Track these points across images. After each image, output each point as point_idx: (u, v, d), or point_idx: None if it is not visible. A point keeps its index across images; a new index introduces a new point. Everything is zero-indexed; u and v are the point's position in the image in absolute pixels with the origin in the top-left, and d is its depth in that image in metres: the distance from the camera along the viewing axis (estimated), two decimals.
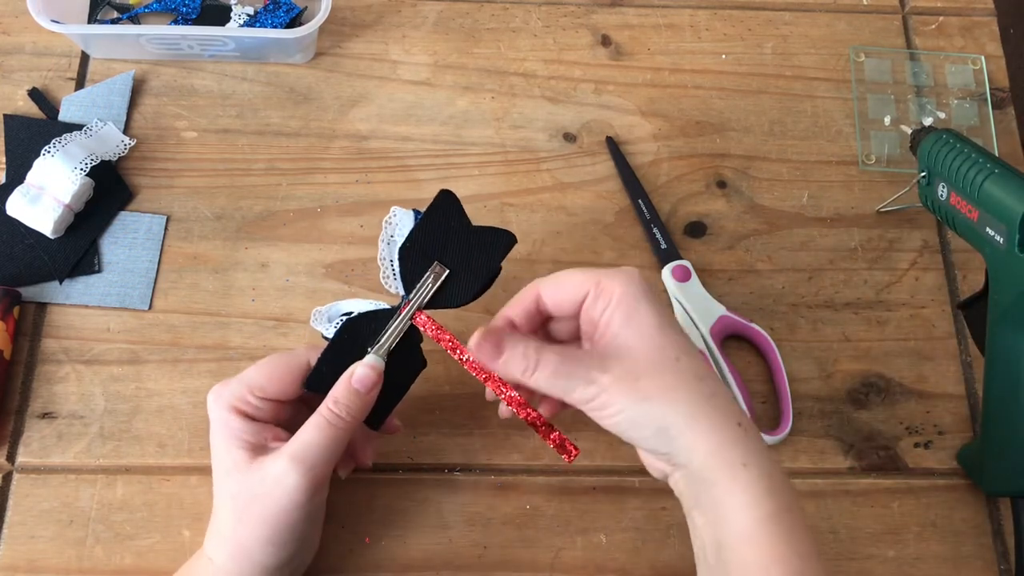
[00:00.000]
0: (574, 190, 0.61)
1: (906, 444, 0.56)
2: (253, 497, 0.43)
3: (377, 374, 0.45)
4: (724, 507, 0.40)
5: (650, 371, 0.41)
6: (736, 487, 0.40)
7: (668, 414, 0.41)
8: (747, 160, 0.63)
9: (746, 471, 0.40)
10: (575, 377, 0.41)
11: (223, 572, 0.45)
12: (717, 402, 0.41)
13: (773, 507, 0.40)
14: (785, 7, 0.69)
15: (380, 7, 0.66)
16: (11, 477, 0.52)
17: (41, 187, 0.56)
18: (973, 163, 0.52)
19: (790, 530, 0.40)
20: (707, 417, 0.41)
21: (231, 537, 0.44)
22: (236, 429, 0.45)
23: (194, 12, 0.64)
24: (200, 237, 0.59)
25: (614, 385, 0.41)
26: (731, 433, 0.41)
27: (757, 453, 0.41)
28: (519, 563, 0.52)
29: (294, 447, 0.43)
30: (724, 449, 0.40)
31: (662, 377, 0.41)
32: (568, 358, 0.42)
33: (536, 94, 0.64)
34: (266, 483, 0.43)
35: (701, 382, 0.41)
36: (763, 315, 0.59)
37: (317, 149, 0.61)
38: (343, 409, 0.44)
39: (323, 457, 0.44)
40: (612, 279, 0.43)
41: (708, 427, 0.41)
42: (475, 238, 0.47)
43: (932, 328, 0.59)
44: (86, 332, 0.56)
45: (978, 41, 0.68)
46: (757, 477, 0.40)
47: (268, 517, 0.43)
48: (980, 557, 0.54)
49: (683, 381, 0.41)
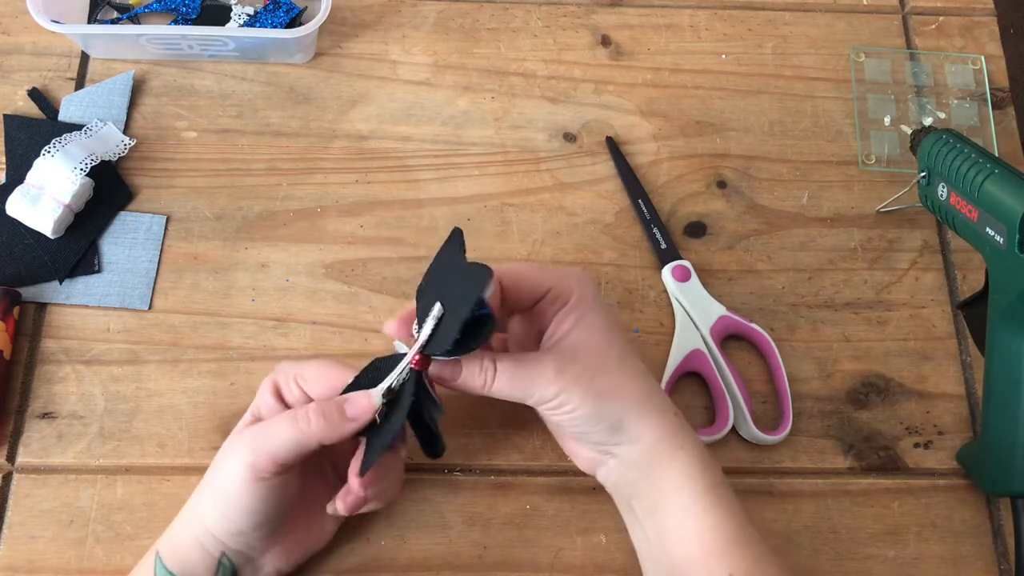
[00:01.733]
0: (574, 190, 0.61)
1: (906, 444, 0.56)
2: (217, 462, 0.45)
3: (369, 407, 0.44)
4: (664, 486, 0.45)
5: (601, 370, 0.45)
6: (675, 466, 0.45)
7: (621, 409, 0.45)
8: (747, 160, 0.63)
9: (683, 452, 0.45)
10: (532, 380, 0.44)
11: (176, 524, 0.46)
12: (657, 396, 0.46)
13: (707, 482, 0.45)
14: (785, 7, 0.69)
15: (380, 7, 0.66)
16: (11, 477, 0.52)
17: (41, 187, 0.56)
18: (973, 163, 0.52)
19: (723, 501, 0.45)
20: (651, 410, 0.45)
21: (195, 494, 0.46)
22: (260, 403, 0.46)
23: (194, 12, 0.64)
24: (200, 237, 0.59)
25: (571, 385, 0.44)
26: (670, 422, 0.46)
27: (690, 438, 0.46)
28: (519, 563, 0.52)
29: (254, 429, 0.44)
30: (666, 436, 0.45)
31: (612, 376, 0.45)
32: (521, 363, 0.44)
33: (536, 94, 0.64)
34: (227, 452, 0.45)
35: (643, 378, 0.46)
36: (763, 315, 0.59)
37: (317, 149, 0.61)
38: (316, 419, 0.43)
39: (273, 448, 0.43)
40: (569, 281, 0.46)
41: (653, 419, 0.45)
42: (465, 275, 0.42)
43: (932, 328, 0.59)
44: (86, 332, 0.56)
45: (978, 41, 0.68)
46: (692, 458, 0.45)
47: (222, 484, 0.44)
48: (980, 557, 0.54)
49: (629, 378, 0.46)
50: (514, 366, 0.44)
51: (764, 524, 0.54)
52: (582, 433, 0.46)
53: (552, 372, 0.44)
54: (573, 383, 0.44)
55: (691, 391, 0.57)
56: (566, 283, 0.46)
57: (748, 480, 0.55)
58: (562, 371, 0.44)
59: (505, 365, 0.44)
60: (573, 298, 0.46)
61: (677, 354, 0.56)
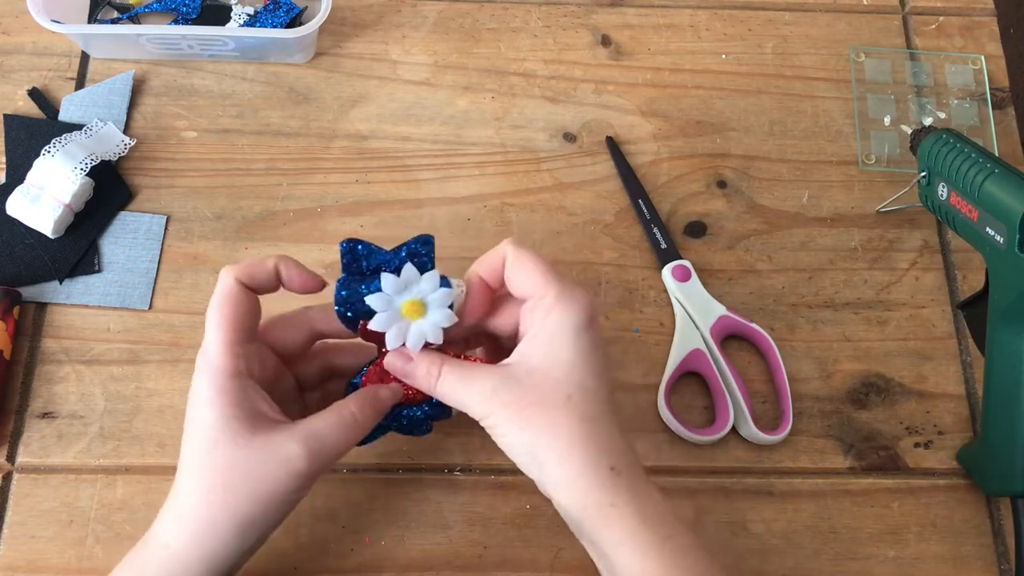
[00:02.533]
0: (574, 190, 0.61)
1: (906, 444, 0.56)
2: (248, 473, 0.41)
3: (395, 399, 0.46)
4: (601, 543, 0.42)
5: (538, 403, 0.42)
6: (608, 526, 0.41)
7: (542, 448, 0.42)
8: (747, 160, 0.63)
9: (614, 511, 0.41)
10: (468, 393, 0.43)
11: (181, 557, 0.41)
12: (592, 445, 0.42)
13: (650, 540, 0.41)
14: (785, 7, 0.69)
15: (380, 7, 0.66)
16: (11, 477, 0.52)
17: (41, 187, 0.56)
18: (973, 163, 0.52)
19: (674, 556, 0.41)
20: (578, 457, 0.41)
21: (200, 517, 0.41)
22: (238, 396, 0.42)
23: (194, 12, 0.64)
24: (200, 237, 0.59)
25: (501, 410, 0.42)
26: (601, 477, 0.41)
27: (628, 492, 0.42)
28: (519, 563, 0.52)
29: (308, 431, 0.42)
30: (592, 491, 0.41)
31: (547, 412, 0.42)
32: (464, 374, 0.43)
33: (536, 94, 0.64)
34: (270, 459, 0.41)
35: (584, 423, 0.42)
36: (763, 315, 0.59)
37: (317, 149, 0.61)
38: (362, 414, 0.44)
39: (331, 454, 0.43)
40: (558, 299, 0.43)
41: (577, 467, 0.41)
42: None
43: (932, 328, 0.59)
44: (86, 332, 0.56)
45: (978, 41, 0.68)
46: (627, 515, 0.41)
47: (261, 494, 0.41)
48: (980, 557, 0.54)
49: (566, 420, 0.42)
50: (457, 375, 0.43)
51: (764, 524, 0.54)
52: (516, 461, 0.43)
53: (487, 391, 0.42)
54: (503, 408, 0.42)
55: (691, 391, 0.57)
56: (551, 297, 0.43)
57: (748, 480, 0.55)
58: (496, 392, 0.42)
59: (449, 371, 0.44)
60: (551, 317, 0.43)
61: (677, 354, 0.56)
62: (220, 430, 0.41)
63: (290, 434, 0.42)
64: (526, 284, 0.44)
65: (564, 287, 0.43)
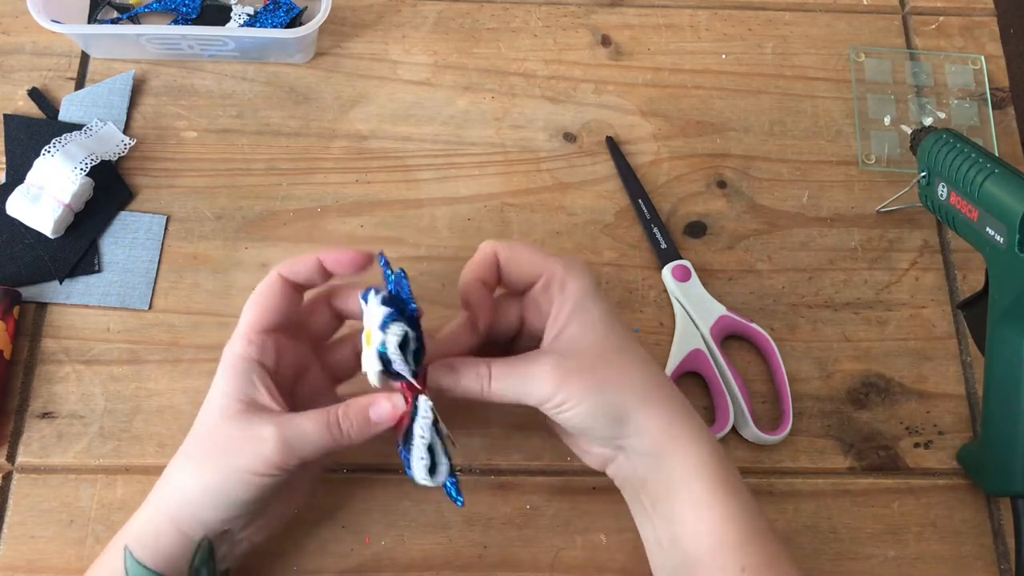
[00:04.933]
0: (574, 190, 0.61)
1: (906, 444, 0.56)
2: (221, 448, 0.43)
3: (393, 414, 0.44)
4: (675, 477, 0.44)
5: (600, 362, 0.44)
6: (686, 457, 0.44)
7: (623, 400, 0.43)
8: (747, 160, 0.63)
9: (694, 444, 0.44)
10: (528, 380, 0.44)
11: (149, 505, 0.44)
12: (662, 385, 0.45)
13: (720, 474, 0.44)
14: (785, 7, 0.69)
15: (380, 7, 0.66)
16: (11, 477, 0.52)
17: (41, 187, 0.56)
18: (973, 163, 0.52)
19: (736, 494, 0.44)
20: (656, 400, 0.44)
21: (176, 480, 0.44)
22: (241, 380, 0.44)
23: (194, 12, 0.64)
24: (200, 237, 0.59)
25: (569, 380, 0.43)
26: (678, 411, 0.44)
27: (700, 428, 0.45)
28: (519, 563, 0.52)
29: (285, 420, 0.42)
30: (674, 426, 0.44)
31: (612, 366, 0.44)
32: (516, 364, 0.44)
33: (536, 94, 0.64)
34: (242, 438, 0.42)
35: (646, 366, 0.45)
36: (763, 315, 0.59)
37: (317, 149, 0.61)
38: (346, 426, 0.43)
39: (307, 450, 0.42)
40: (567, 271, 0.45)
41: (659, 408, 0.44)
42: None
43: (932, 328, 0.59)
44: (86, 332, 0.56)
45: (978, 41, 0.68)
46: (703, 448, 0.44)
47: (227, 470, 0.42)
48: (980, 557, 0.54)
49: (631, 367, 0.44)
50: (509, 368, 0.44)
51: None
52: (587, 428, 0.44)
53: (548, 368, 0.43)
54: (571, 378, 0.43)
55: (691, 391, 0.57)
56: (560, 271, 0.45)
57: (748, 480, 0.54)
58: (558, 366, 0.43)
59: (499, 368, 0.44)
60: (568, 288, 0.45)
61: (677, 354, 0.56)
62: (216, 404, 0.44)
63: (269, 419, 0.43)
64: (527, 270, 0.45)
65: (565, 260, 0.45)
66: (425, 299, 0.57)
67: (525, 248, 0.46)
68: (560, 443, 0.50)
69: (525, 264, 0.45)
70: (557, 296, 0.45)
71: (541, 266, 0.45)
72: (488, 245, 0.46)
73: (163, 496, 0.44)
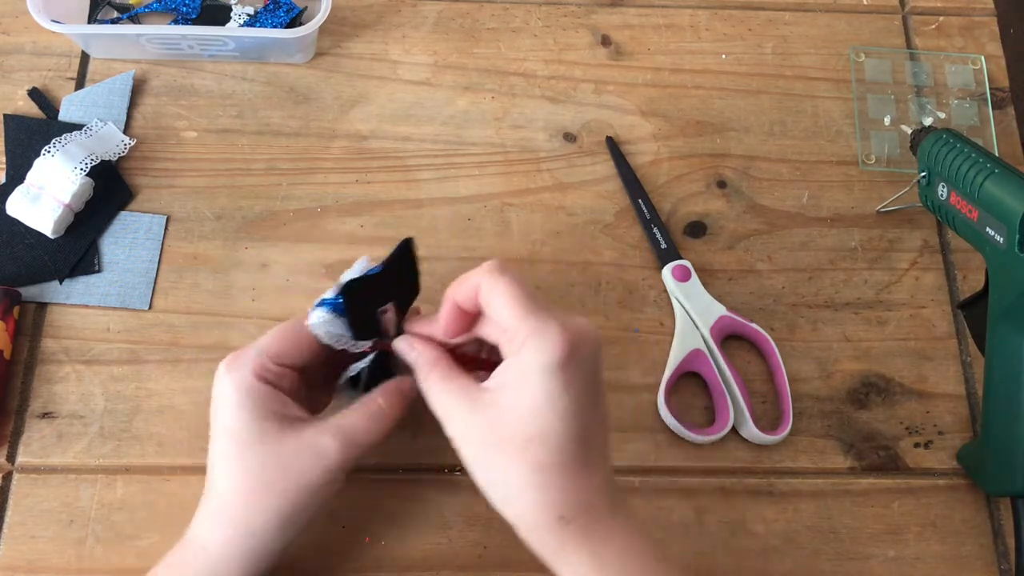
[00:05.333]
0: (574, 190, 0.61)
1: (906, 444, 0.56)
2: (283, 469, 0.42)
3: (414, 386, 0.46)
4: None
5: (497, 445, 0.41)
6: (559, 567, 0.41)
7: (496, 485, 0.42)
8: (747, 160, 0.63)
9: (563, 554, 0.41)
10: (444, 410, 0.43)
11: (219, 559, 0.42)
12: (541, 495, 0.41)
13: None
14: (785, 7, 0.69)
15: (380, 7, 0.66)
16: (11, 477, 0.52)
17: (41, 187, 0.56)
18: (973, 163, 0.52)
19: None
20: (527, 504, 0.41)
21: (238, 518, 0.42)
22: (265, 397, 0.43)
23: (194, 12, 0.64)
24: (200, 237, 0.59)
25: (464, 445, 0.42)
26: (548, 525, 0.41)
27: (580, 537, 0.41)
28: (519, 563, 0.52)
29: (340, 424, 0.43)
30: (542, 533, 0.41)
31: (503, 456, 0.41)
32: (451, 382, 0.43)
33: (536, 94, 0.64)
34: (304, 455, 0.42)
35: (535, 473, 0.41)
36: (763, 315, 0.59)
37: (317, 149, 0.61)
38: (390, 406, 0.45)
39: (364, 446, 0.44)
40: (529, 338, 0.40)
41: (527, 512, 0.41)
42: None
43: (932, 328, 0.59)
44: (86, 332, 0.56)
45: (978, 41, 0.68)
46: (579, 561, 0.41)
47: (298, 491, 0.42)
48: (980, 557, 0.54)
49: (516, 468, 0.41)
50: (442, 381, 0.43)
51: (764, 524, 0.54)
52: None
53: (457, 412, 0.42)
54: (464, 443, 0.42)
55: (691, 391, 0.57)
56: (521, 335, 0.41)
57: (748, 480, 0.55)
58: (465, 417, 0.42)
59: (438, 374, 0.43)
60: (520, 356, 0.41)
61: (677, 354, 0.56)
62: (251, 432, 0.43)
63: (321, 429, 0.43)
64: (499, 316, 0.42)
65: (538, 322, 0.40)
66: (425, 299, 0.57)
67: (506, 291, 0.41)
68: None
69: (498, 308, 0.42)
70: (510, 355, 0.41)
71: (510, 318, 0.41)
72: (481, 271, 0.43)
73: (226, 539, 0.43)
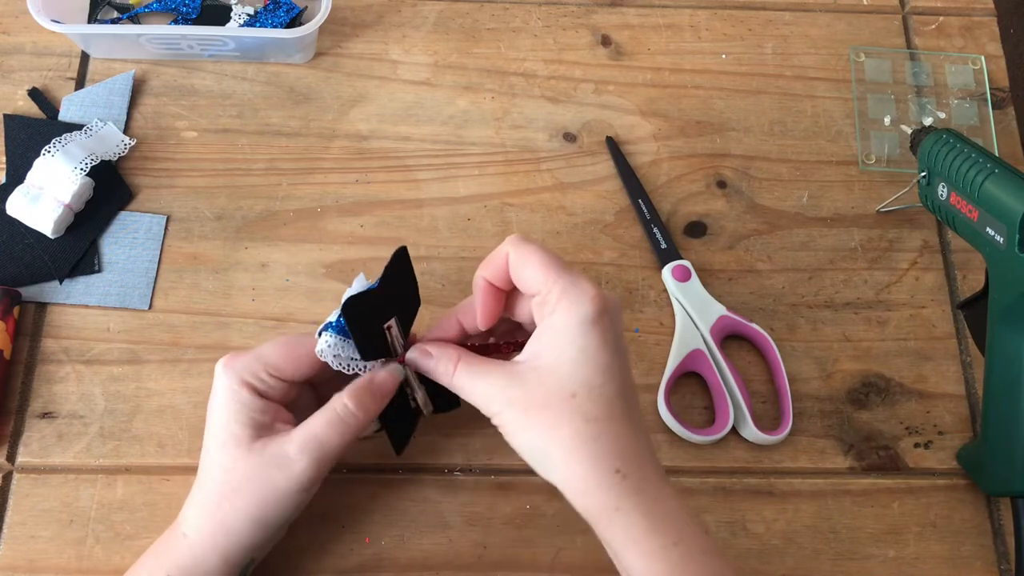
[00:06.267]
0: (574, 190, 0.61)
1: (906, 444, 0.56)
2: (251, 476, 0.43)
3: (393, 382, 0.46)
4: (610, 544, 0.42)
5: (542, 403, 0.42)
6: (613, 528, 0.41)
7: (547, 450, 0.42)
8: (747, 160, 0.63)
9: (619, 515, 0.41)
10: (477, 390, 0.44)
11: (197, 548, 0.44)
12: (596, 447, 0.41)
13: (656, 544, 0.41)
14: (785, 7, 0.69)
15: (380, 7, 0.66)
16: (11, 477, 0.52)
17: (41, 187, 0.56)
18: (973, 163, 0.52)
19: (682, 561, 0.41)
20: (582, 460, 0.41)
21: (213, 513, 0.44)
22: (246, 403, 0.44)
23: (194, 12, 0.64)
24: (200, 237, 0.59)
25: (507, 410, 0.42)
26: (605, 479, 0.41)
27: (635, 495, 0.41)
28: (519, 563, 0.52)
29: (305, 435, 0.43)
30: (597, 493, 0.41)
31: (550, 412, 0.41)
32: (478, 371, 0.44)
33: (536, 94, 0.64)
34: (269, 465, 0.43)
35: (587, 423, 0.41)
36: (763, 315, 0.59)
37: (317, 149, 0.61)
38: (358, 411, 0.44)
39: (332, 451, 0.44)
40: (564, 295, 0.42)
41: (581, 470, 0.41)
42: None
43: (932, 328, 0.59)
44: (86, 332, 0.56)
45: (978, 41, 0.68)
46: (632, 519, 0.41)
47: (265, 497, 0.43)
48: (980, 557, 0.54)
49: (568, 421, 0.41)
50: (469, 371, 0.44)
51: (764, 524, 0.54)
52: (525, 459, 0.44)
53: (496, 389, 0.43)
54: (508, 407, 0.42)
55: (691, 391, 0.57)
56: (555, 294, 0.42)
57: (748, 480, 0.55)
58: (503, 391, 0.42)
59: (463, 367, 0.44)
60: (557, 314, 0.42)
61: (677, 354, 0.56)
62: (229, 434, 0.44)
63: (287, 438, 0.44)
64: (531, 281, 0.43)
65: (570, 280, 0.42)
66: (425, 299, 0.57)
67: (535, 255, 0.43)
68: None
69: (530, 274, 0.43)
70: (544, 316, 0.43)
71: (542, 280, 0.42)
72: (507, 243, 0.44)
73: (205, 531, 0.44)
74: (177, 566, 0.44)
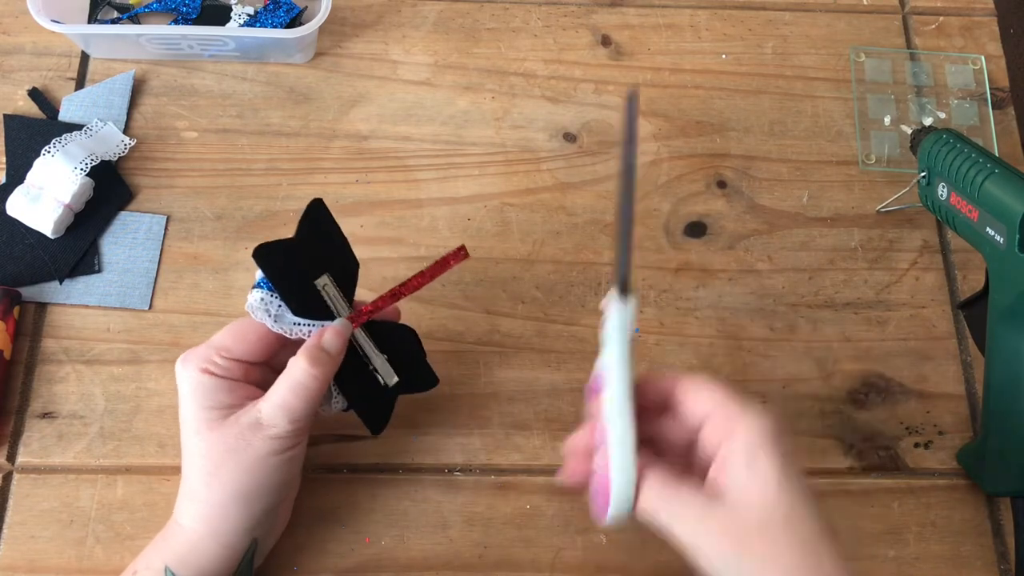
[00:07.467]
0: (574, 190, 0.61)
1: (906, 444, 0.56)
2: (227, 451, 0.44)
3: (344, 336, 0.46)
4: None
5: (757, 529, 0.39)
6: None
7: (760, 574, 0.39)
8: (747, 160, 0.63)
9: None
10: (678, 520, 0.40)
11: (195, 536, 0.45)
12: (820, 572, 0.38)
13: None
14: (785, 7, 0.69)
15: (380, 7, 0.66)
16: (11, 477, 0.52)
17: (41, 187, 0.56)
18: (973, 163, 0.52)
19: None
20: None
21: (204, 499, 0.45)
22: (208, 387, 0.45)
23: (194, 12, 0.64)
24: (200, 237, 0.59)
25: (715, 540, 0.39)
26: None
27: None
28: (519, 563, 0.52)
29: (271, 399, 0.44)
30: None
31: (766, 538, 0.39)
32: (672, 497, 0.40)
33: (536, 94, 0.64)
34: (244, 433, 0.44)
35: (804, 547, 0.39)
36: (763, 315, 0.59)
37: (317, 149, 0.61)
38: (312, 364, 0.44)
39: (300, 412, 0.44)
40: (744, 415, 0.40)
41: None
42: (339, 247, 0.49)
43: (932, 328, 0.59)
44: (86, 332, 0.56)
45: (978, 41, 0.68)
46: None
47: (248, 466, 0.44)
48: (980, 557, 0.54)
49: (786, 546, 0.39)
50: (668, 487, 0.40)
51: None
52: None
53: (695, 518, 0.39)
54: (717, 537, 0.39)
55: None
56: (734, 417, 0.40)
57: None
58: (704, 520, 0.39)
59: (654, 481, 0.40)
60: (740, 437, 0.40)
61: None
62: (199, 420, 0.45)
63: (255, 407, 0.45)
64: (703, 404, 0.42)
65: (744, 401, 0.41)
66: (427, 300, 0.57)
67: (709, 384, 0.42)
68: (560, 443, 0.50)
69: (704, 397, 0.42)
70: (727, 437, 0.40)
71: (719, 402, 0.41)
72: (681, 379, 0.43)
73: (196, 516, 0.45)
74: (174, 555, 0.45)
